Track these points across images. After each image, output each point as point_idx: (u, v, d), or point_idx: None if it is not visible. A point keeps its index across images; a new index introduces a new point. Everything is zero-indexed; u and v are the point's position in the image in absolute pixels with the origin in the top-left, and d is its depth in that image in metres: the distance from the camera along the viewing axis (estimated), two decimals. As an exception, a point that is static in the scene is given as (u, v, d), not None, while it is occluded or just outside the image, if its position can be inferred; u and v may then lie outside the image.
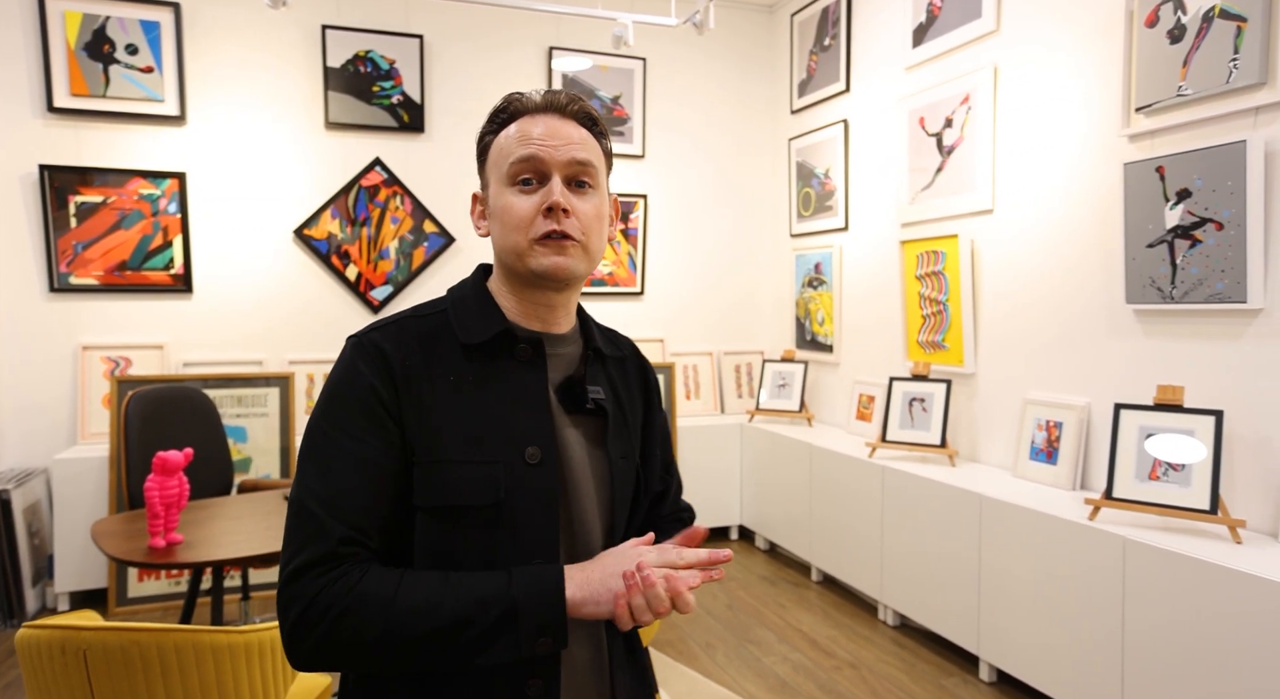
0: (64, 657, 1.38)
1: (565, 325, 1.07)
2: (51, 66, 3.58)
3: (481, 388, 0.99)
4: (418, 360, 0.98)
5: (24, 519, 3.38)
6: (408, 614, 0.87)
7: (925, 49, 3.50)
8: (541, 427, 0.99)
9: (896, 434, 3.39)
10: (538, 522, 0.97)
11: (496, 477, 0.95)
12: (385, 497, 0.94)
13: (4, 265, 3.60)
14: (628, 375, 1.16)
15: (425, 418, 0.95)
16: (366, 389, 0.95)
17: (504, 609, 0.88)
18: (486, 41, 4.29)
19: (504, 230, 1.00)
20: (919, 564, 3.09)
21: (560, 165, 1.00)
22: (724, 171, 4.80)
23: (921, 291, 3.52)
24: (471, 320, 1.02)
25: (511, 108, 1.03)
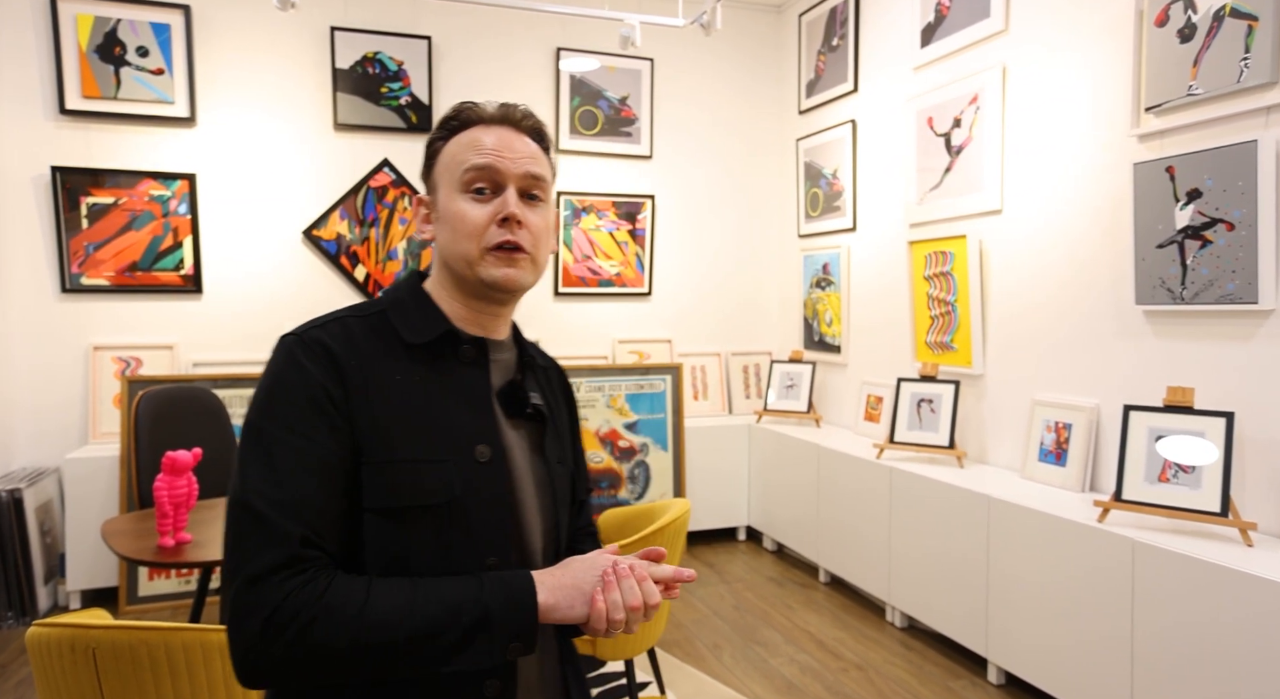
0: (73, 655, 1.39)
1: (504, 333, 1.09)
2: (64, 69, 3.60)
3: (428, 386, 0.98)
4: (363, 357, 0.96)
5: (36, 518, 3.40)
6: (380, 622, 0.85)
7: (934, 49, 3.49)
8: (488, 426, 1.00)
9: (904, 435, 3.38)
10: (490, 521, 0.97)
11: (449, 475, 0.95)
12: (339, 498, 0.90)
13: (17, 266, 3.63)
14: (553, 385, 1.19)
15: (374, 416, 0.93)
16: (316, 386, 0.92)
17: (477, 616, 0.88)
18: (494, 42, 4.30)
19: (455, 237, 1.00)
20: (927, 566, 3.08)
21: (516, 177, 1.01)
22: (732, 172, 4.79)
23: (930, 292, 3.50)
24: (413, 320, 1.01)
25: (464, 116, 1.04)
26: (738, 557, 4.24)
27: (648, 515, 2.48)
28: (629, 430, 4.28)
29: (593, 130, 4.46)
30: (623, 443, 4.26)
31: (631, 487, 4.26)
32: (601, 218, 4.50)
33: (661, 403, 4.35)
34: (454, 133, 1.04)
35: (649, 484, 4.29)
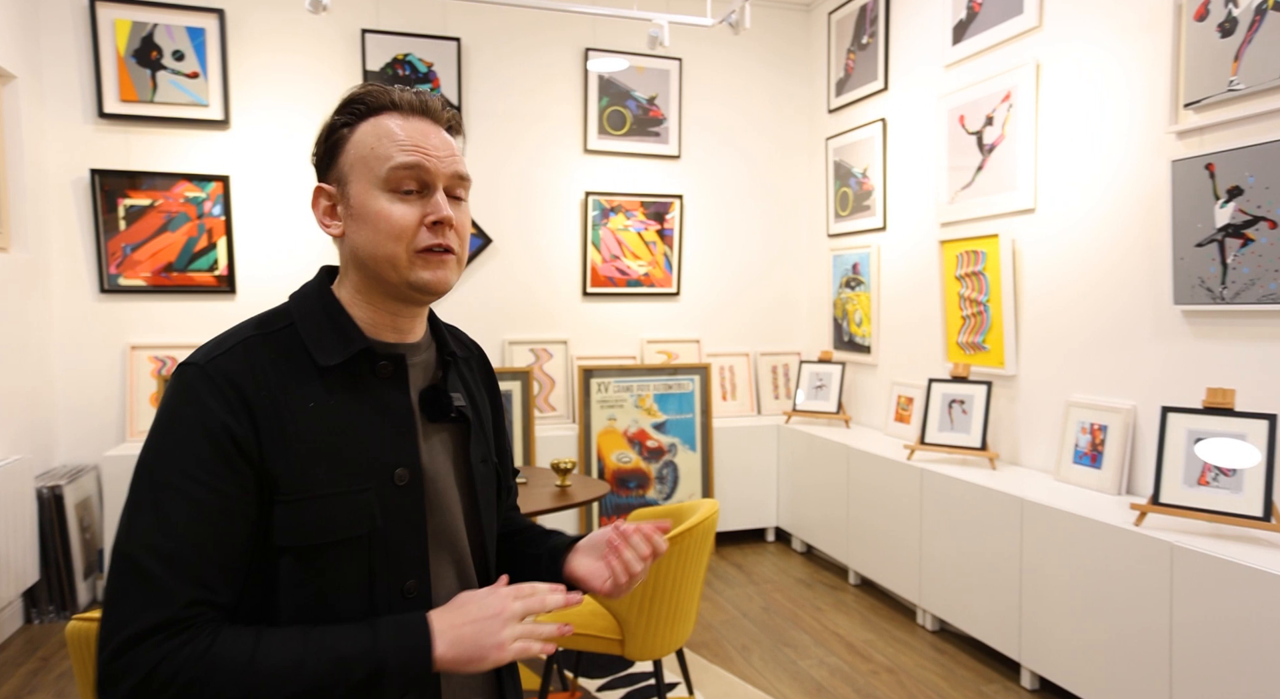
0: (113, 649, 1.41)
1: (420, 332, 1.04)
2: (102, 73, 3.68)
3: (343, 411, 0.93)
4: (272, 386, 0.89)
5: (76, 514, 3.47)
6: (268, 678, 0.80)
7: (965, 46, 3.45)
8: (408, 447, 0.96)
9: (936, 436, 3.34)
10: (408, 542, 0.95)
11: (370, 505, 0.91)
12: (238, 547, 0.85)
13: (58, 267, 3.71)
14: (474, 373, 1.15)
15: (287, 452, 0.88)
16: (217, 426, 0.85)
17: (370, 670, 0.84)
18: (523, 43, 4.31)
19: (378, 239, 0.93)
20: (959, 568, 3.04)
21: (445, 177, 0.96)
22: (760, 172, 4.77)
23: (961, 292, 3.46)
24: (325, 338, 0.94)
25: (373, 101, 0.96)
26: (766, 558, 4.22)
27: (676, 516, 2.47)
28: (657, 430, 4.27)
29: (621, 130, 4.46)
30: (651, 443, 4.26)
31: (660, 487, 4.26)
32: (630, 218, 4.50)
33: (690, 403, 4.34)
34: (361, 118, 0.96)
35: (677, 484, 4.28)
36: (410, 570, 0.95)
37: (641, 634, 2.17)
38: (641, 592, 2.13)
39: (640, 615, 2.15)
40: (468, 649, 0.88)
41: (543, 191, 4.39)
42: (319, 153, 1.00)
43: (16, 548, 3.11)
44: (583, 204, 4.44)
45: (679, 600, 2.21)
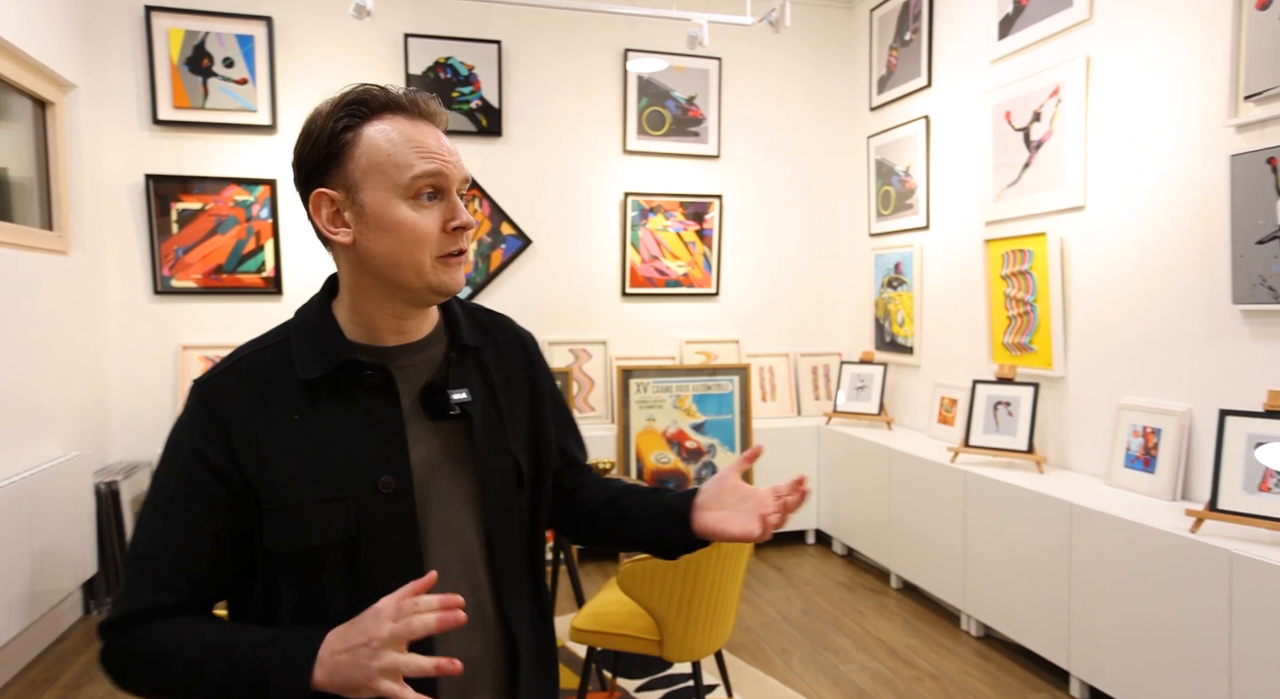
0: (164, 641, 1.45)
1: (426, 328, 1.05)
2: (156, 81, 3.78)
3: (327, 422, 0.96)
4: (253, 406, 0.95)
5: (131, 510, 3.58)
6: (180, 669, 0.89)
7: (1012, 41, 3.38)
8: (395, 454, 0.97)
9: (980, 439, 3.28)
10: (397, 549, 0.96)
11: (348, 511, 0.93)
12: (202, 557, 0.93)
13: (115, 270, 3.82)
14: (505, 360, 1.12)
15: (267, 464, 0.93)
16: (188, 452, 0.94)
17: (254, 680, 0.87)
18: (562, 45, 4.33)
19: (402, 247, 0.94)
20: (1004, 573, 2.98)
21: (457, 182, 0.98)
22: (800, 171, 4.73)
23: (1007, 292, 3.39)
24: (311, 351, 0.98)
25: (372, 100, 0.96)
26: (806, 560, 4.18)
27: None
28: (696, 431, 4.26)
29: (660, 130, 4.46)
30: (690, 444, 4.24)
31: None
32: (669, 218, 4.50)
33: (729, 404, 4.32)
34: (364, 120, 0.95)
35: (715, 486, 4.26)
36: (402, 575, 0.94)
37: (680, 635, 2.16)
38: (680, 593, 2.13)
39: (679, 617, 2.14)
40: (343, 677, 0.85)
41: (582, 192, 4.41)
42: (314, 156, 0.97)
43: (76, 541, 3.21)
44: (622, 205, 4.44)
45: (718, 602, 2.20)
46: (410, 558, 0.96)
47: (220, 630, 0.92)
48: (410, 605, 0.86)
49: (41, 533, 2.93)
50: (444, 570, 0.99)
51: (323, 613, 0.93)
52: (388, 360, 1.00)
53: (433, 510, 0.99)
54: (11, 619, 2.73)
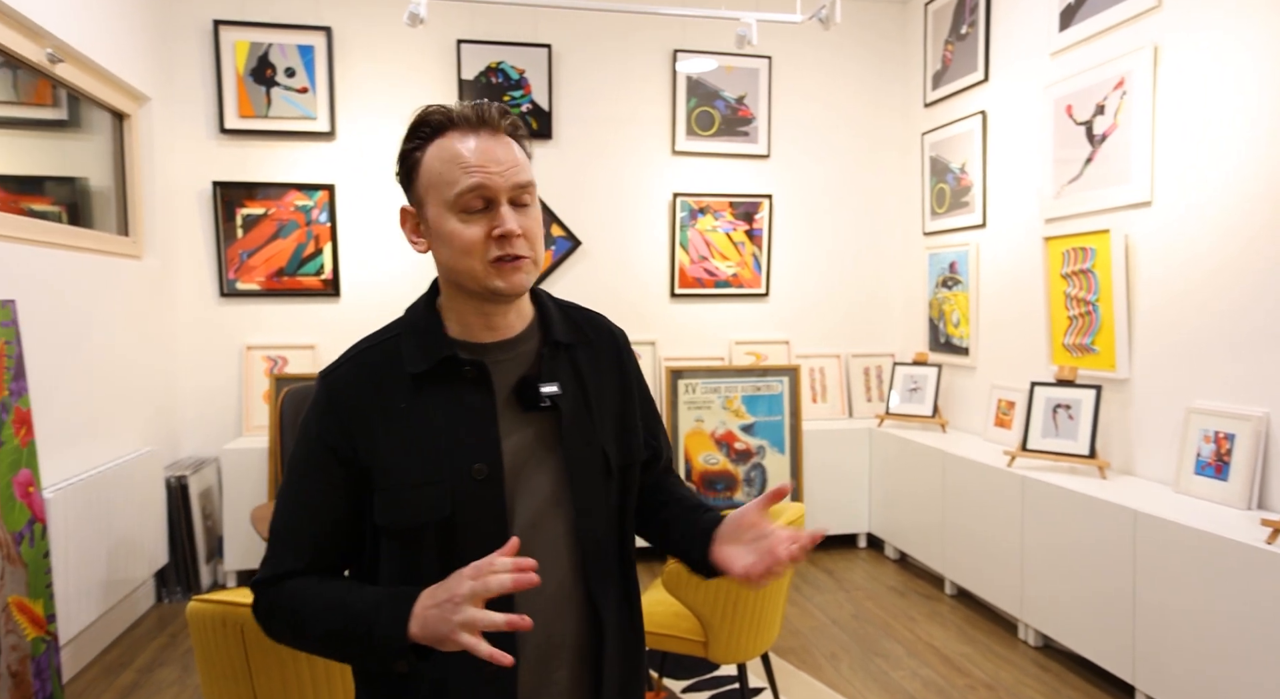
0: (224, 629, 1.51)
1: (519, 326, 1.12)
2: (224, 92, 3.93)
3: (430, 412, 1.04)
4: (368, 395, 1.05)
5: (199, 503, 3.72)
6: (308, 618, 1.02)
7: (1074, 31, 3.28)
8: (488, 444, 1.04)
9: (1038, 443, 3.19)
10: (488, 532, 1.03)
11: (443, 495, 1.02)
12: (327, 527, 1.06)
13: (186, 273, 3.98)
14: (597, 356, 1.18)
15: (378, 448, 1.03)
16: (314, 436, 1.06)
17: (364, 630, 0.97)
18: (612, 47, 4.36)
19: (455, 255, 1.03)
20: (1065, 582, 2.89)
21: (507, 190, 1.02)
22: (852, 169, 4.67)
23: (1067, 291, 3.29)
24: (418, 347, 1.07)
25: (436, 121, 1.04)
26: (858, 564, 4.13)
27: (762, 519, 2.44)
28: (745, 432, 4.24)
29: (709, 131, 4.45)
30: (739, 445, 4.23)
31: (748, 490, 4.22)
32: (718, 218, 4.49)
33: (779, 405, 4.28)
34: (428, 140, 1.04)
35: (765, 487, 4.24)
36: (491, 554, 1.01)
37: (725, 637, 2.15)
38: (724, 595, 2.12)
39: (723, 619, 2.14)
40: (432, 631, 0.94)
41: (631, 194, 4.42)
42: (399, 177, 1.10)
43: (148, 532, 3.35)
44: (671, 205, 4.45)
45: (763, 605, 2.18)
46: (500, 540, 1.02)
47: (341, 588, 1.03)
48: (487, 566, 0.94)
49: (117, 524, 3.07)
50: (531, 552, 1.05)
51: (417, 582, 1.01)
52: (484, 356, 1.08)
53: (523, 496, 1.06)
54: (90, 604, 2.87)
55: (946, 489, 3.61)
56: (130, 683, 2.83)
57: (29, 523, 2.29)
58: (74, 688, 2.78)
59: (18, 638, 2.18)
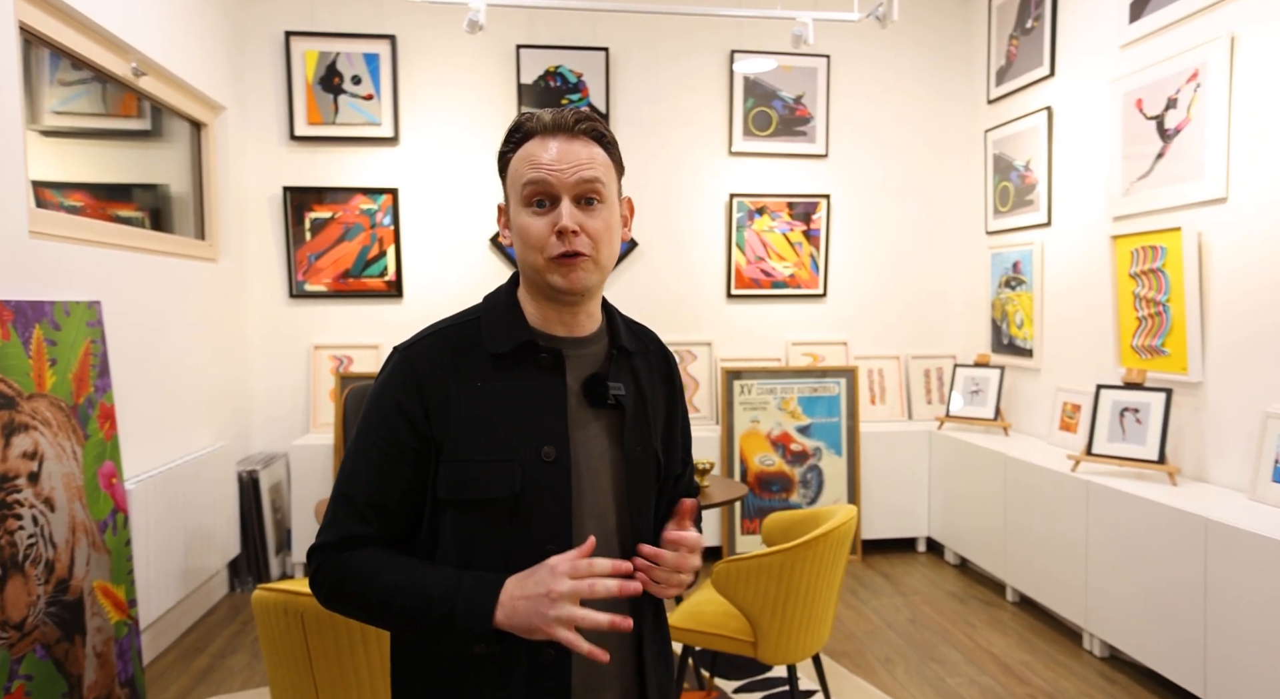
0: (286, 617, 1.58)
1: (589, 327, 1.15)
2: (294, 101, 4.08)
3: (505, 392, 1.08)
4: (447, 369, 1.08)
5: (269, 497, 3.87)
6: (380, 591, 1.03)
7: (1145, 23, 3.17)
8: (557, 428, 1.08)
9: (1104, 447, 3.10)
10: (550, 513, 1.06)
11: (513, 472, 1.05)
12: (395, 494, 1.08)
13: (257, 275, 4.15)
14: (652, 369, 1.23)
15: (451, 421, 1.06)
16: (391, 403, 1.08)
17: (444, 612, 1.00)
18: (669, 49, 4.38)
19: (523, 248, 1.08)
20: (1132, 591, 2.80)
21: (569, 186, 1.06)
22: (912, 168, 4.60)
23: (1136, 291, 3.19)
24: (499, 330, 1.11)
25: (525, 127, 1.09)
26: (916, 568, 4.06)
27: (812, 520, 2.44)
28: (801, 434, 4.21)
29: (766, 131, 4.43)
30: (795, 446, 4.20)
31: (804, 491, 4.20)
32: (775, 219, 4.47)
33: (836, 406, 4.24)
34: (519, 144, 1.10)
35: (822, 489, 4.20)
36: (550, 537, 1.06)
37: (774, 638, 2.15)
38: (774, 595, 2.12)
39: (773, 619, 2.14)
40: (521, 621, 0.98)
41: (687, 195, 4.44)
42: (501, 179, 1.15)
43: (222, 524, 3.51)
44: (727, 206, 4.45)
45: (813, 606, 2.18)
46: (561, 523, 1.07)
47: (414, 566, 1.05)
48: (586, 567, 0.98)
49: (193, 515, 3.22)
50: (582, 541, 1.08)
51: (479, 554, 1.05)
52: (559, 347, 1.13)
53: (586, 486, 1.10)
54: (169, 591, 3.02)
55: (1009, 494, 3.53)
56: (205, 667, 2.97)
57: (112, 512, 2.43)
58: (153, 670, 2.93)
59: (102, 621, 2.31)
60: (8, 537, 1.95)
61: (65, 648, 2.13)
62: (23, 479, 2.02)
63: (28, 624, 2.00)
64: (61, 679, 2.11)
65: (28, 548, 2.02)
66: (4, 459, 1.96)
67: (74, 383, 2.29)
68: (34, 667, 2.00)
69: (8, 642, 1.92)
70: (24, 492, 2.02)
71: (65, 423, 2.23)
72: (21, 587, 1.98)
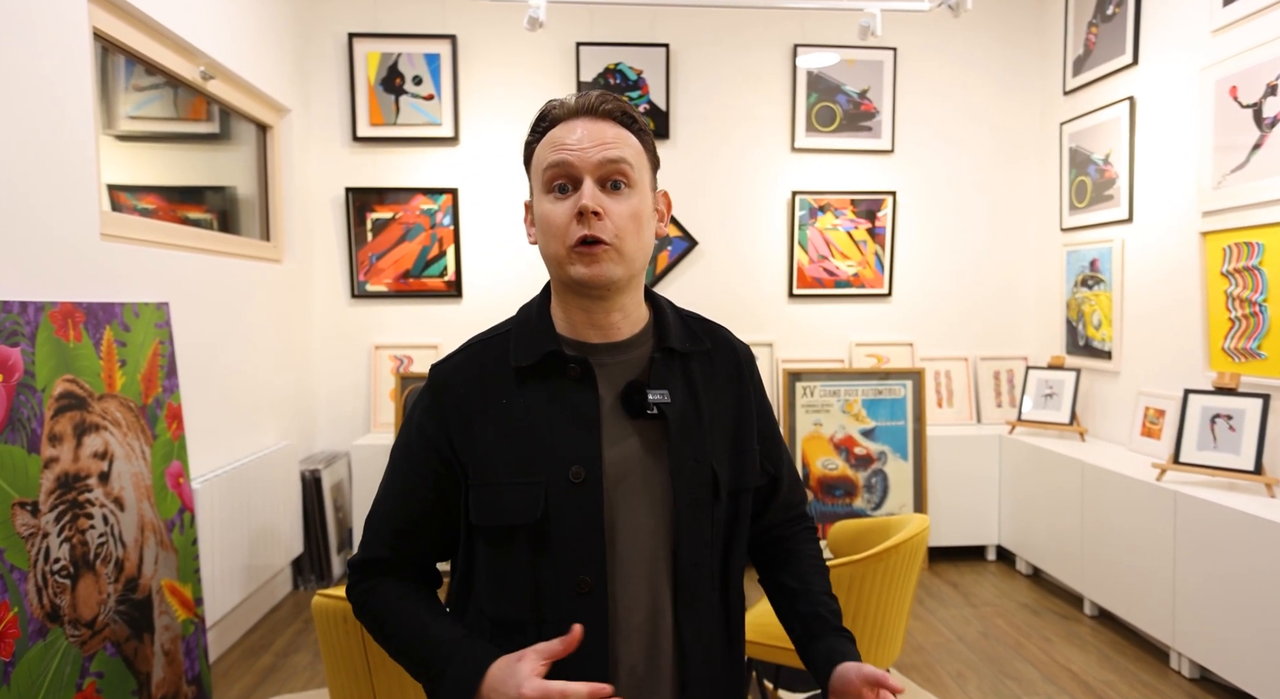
0: (345, 625, 1.56)
1: (627, 330, 1.06)
2: (356, 102, 4.12)
3: (532, 410, 1.01)
4: (473, 388, 1.04)
5: (331, 496, 3.92)
6: (390, 634, 1.05)
7: (1241, 5, 2.98)
8: (587, 445, 0.99)
9: (1194, 455, 2.92)
10: (581, 539, 0.97)
11: (537, 496, 0.98)
12: (419, 520, 1.07)
13: (320, 276, 4.20)
14: (715, 368, 1.11)
15: (476, 445, 1.01)
16: (415, 427, 1.06)
17: (433, 675, 1.00)
18: (730, 44, 4.30)
19: (545, 239, 1.01)
20: (1225, 608, 2.63)
21: (591, 167, 0.97)
22: (981, 163, 4.43)
23: (1229, 290, 3.00)
24: (525, 341, 1.04)
25: (551, 114, 1.02)
26: (986, 578, 3.91)
27: (882, 530, 2.34)
28: (866, 437, 4.09)
29: (830, 126, 4.32)
30: (859, 450, 4.08)
31: (868, 496, 4.08)
32: (839, 217, 4.35)
33: (902, 409, 4.11)
34: (544, 133, 1.03)
35: (887, 494, 4.08)
36: (583, 567, 0.97)
37: (844, 653, 2.07)
38: (844, 608, 2.04)
39: (843, 634, 2.05)
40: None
41: (748, 193, 4.35)
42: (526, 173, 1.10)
43: (286, 523, 3.56)
44: (789, 204, 4.34)
45: (884, 620, 2.09)
46: (594, 550, 0.98)
47: (427, 611, 1.05)
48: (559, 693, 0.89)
49: (258, 513, 3.27)
50: (626, 569, 1.00)
51: (503, 594, 1.01)
52: (590, 356, 1.04)
53: (622, 507, 1.01)
54: (233, 589, 3.06)
55: (1087, 502, 3.36)
56: (269, 665, 3.00)
57: (179, 511, 2.46)
58: (219, 667, 2.98)
59: (170, 619, 2.35)
60: (79, 536, 1.98)
61: (134, 646, 2.17)
62: (94, 479, 2.06)
63: (98, 622, 2.03)
64: (131, 677, 2.14)
65: (98, 547, 2.05)
66: (76, 459, 1.99)
67: (143, 383, 2.33)
68: (104, 664, 2.03)
69: (80, 639, 1.95)
70: (95, 491, 2.05)
71: (134, 423, 2.26)
72: (93, 585, 2.02)
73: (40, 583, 1.83)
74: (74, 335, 2.04)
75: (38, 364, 1.89)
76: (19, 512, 1.79)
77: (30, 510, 1.82)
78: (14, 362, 1.81)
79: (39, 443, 1.86)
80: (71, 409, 1.99)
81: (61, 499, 1.93)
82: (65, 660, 1.89)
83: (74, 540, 1.96)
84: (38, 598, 1.82)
